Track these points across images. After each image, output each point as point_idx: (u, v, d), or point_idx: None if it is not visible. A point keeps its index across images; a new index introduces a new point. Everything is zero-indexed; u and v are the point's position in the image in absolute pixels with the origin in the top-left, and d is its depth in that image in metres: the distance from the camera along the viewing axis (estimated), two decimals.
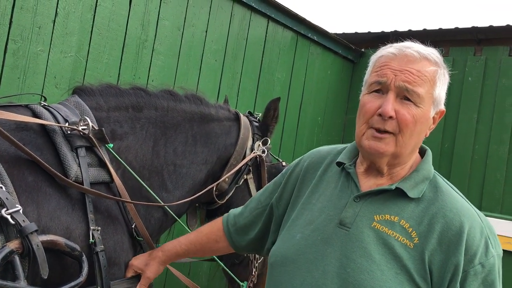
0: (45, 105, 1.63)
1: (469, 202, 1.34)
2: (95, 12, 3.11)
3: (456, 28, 5.01)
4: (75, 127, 1.55)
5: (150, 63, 3.49)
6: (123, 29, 3.28)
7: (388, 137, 1.28)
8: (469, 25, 4.96)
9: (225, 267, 2.18)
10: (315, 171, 1.49)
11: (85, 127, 1.57)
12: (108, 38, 3.20)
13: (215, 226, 1.72)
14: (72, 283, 1.31)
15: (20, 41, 2.77)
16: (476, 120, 4.85)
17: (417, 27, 7.54)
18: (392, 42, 4.79)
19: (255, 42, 4.36)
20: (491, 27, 4.82)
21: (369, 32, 5.62)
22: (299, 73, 4.86)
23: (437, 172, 1.40)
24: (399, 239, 1.24)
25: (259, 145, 2.17)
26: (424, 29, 5.22)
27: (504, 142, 4.69)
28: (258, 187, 2.13)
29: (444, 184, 1.36)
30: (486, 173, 4.76)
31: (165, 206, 1.80)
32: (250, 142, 2.15)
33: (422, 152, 1.44)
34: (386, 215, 1.28)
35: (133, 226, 1.66)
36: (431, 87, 1.29)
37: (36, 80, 2.86)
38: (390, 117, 1.26)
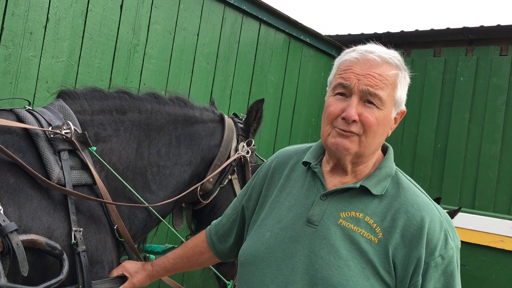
0: (29, 109, 1.68)
1: (429, 197, 1.39)
2: (86, 18, 3.16)
3: (448, 29, 5.05)
4: (58, 131, 1.60)
5: (142, 67, 3.54)
6: (114, 34, 3.33)
7: (353, 136, 1.33)
8: (460, 26, 5.00)
9: (211, 267, 2.23)
10: (282, 171, 1.53)
11: (68, 130, 1.62)
12: (100, 43, 3.25)
13: (200, 238, 1.77)
14: (53, 281, 1.36)
15: (12, 47, 2.82)
16: (468, 120, 4.89)
17: (409, 28, 7.58)
18: (384, 43, 4.80)
19: (247, 45, 4.41)
20: (482, 27, 4.86)
21: (362, 34, 5.66)
22: (292, 75, 4.91)
23: (398, 169, 1.45)
24: (364, 235, 1.29)
25: (244, 146, 2.21)
26: (416, 30, 5.26)
27: (496, 141, 4.73)
28: (243, 187, 2.17)
29: (406, 180, 1.41)
30: (478, 172, 4.79)
31: (149, 207, 1.84)
32: (234, 143, 2.19)
33: (384, 149, 1.48)
34: (352, 212, 1.33)
35: (115, 227, 1.70)
36: (393, 90, 1.34)
37: (28, 85, 2.91)
38: (354, 121, 1.31)
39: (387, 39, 5.40)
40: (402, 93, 1.37)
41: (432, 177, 5.05)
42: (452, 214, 3.98)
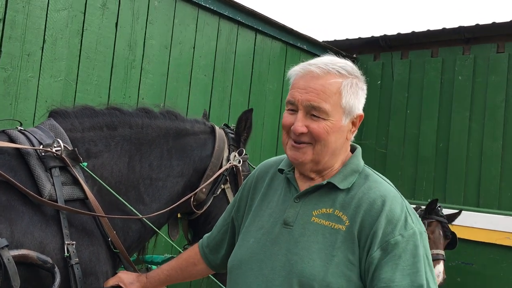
0: (21, 129, 1.74)
1: (396, 189, 1.44)
2: (82, 37, 3.24)
3: (444, 29, 5.08)
4: (49, 149, 1.66)
5: (140, 82, 3.61)
6: (110, 51, 3.41)
7: (305, 147, 1.40)
8: (456, 25, 5.02)
9: (211, 276, 2.28)
10: (263, 181, 1.61)
11: (58, 148, 1.68)
12: (97, 61, 3.33)
13: (193, 250, 1.84)
14: None
15: (11, 69, 2.91)
16: (468, 118, 4.90)
17: (405, 29, 7.61)
18: (382, 46, 4.81)
19: (244, 55, 4.48)
20: (477, 25, 4.88)
21: (359, 38, 5.71)
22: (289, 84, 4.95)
23: (368, 167, 1.51)
24: (334, 227, 1.36)
25: (235, 155, 2.26)
26: (413, 32, 5.29)
27: (497, 138, 4.73)
28: None
29: (373, 174, 1.47)
30: (481, 170, 4.79)
31: (143, 218, 1.90)
32: (226, 153, 2.24)
33: (353, 150, 1.54)
34: (323, 209, 1.40)
35: (109, 239, 1.75)
36: (338, 99, 1.38)
37: (28, 105, 2.99)
38: (302, 133, 1.38)
39: (384, 42, 5.45)
40: (351, 99, 1.40)
41: (435, 177, 5.05)
42: (453, 217, 3.99)
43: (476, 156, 4.83)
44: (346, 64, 1.43)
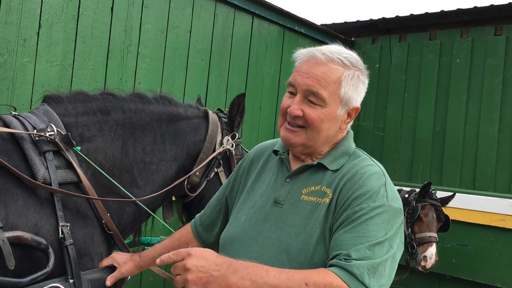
0: (15, 114, 1.78)
1: (382, 169, 1.47)
2: (77, 22, 3.25)
3: (442, 11, 5.06)
4: (42, 134, 1.70)
5: (136, 67, 3.63)
6: (106, 36, 3.42)
7: (299, 131, 1.45)
8: (454, 7, 4.99)
9: None
10: (258, 163, 1.67)
11: (52, 132, 1.71)
12: (92, 45, 3.35)
13: (185, 230, 1.90)
14: (39, 273, 1.47)
15: (7, 54, 2.93)
16: (466, 101, 4.91)
17: (404, 12, 7.56)
18: (380, 29, 4.80)
19: (241, 39, 4.47)
20: (475, 8, 4.85)
21: (357, 21, 5.69)
22: (288, 66, 4.96)
23: (360, 149, 1.56)
24: (320, 202, 1.42)
25: (228, 139, 2.30)
26: (411, 14, 5.27)
27: (494, 121, 4.75)
28: None
29: (362, 154, 1.52)
30: (478, 152, 4.82)
31: (137, 201, 1.94)
32: (219, 137, 2.28)
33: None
34: (311, 187, 1.46)
35: (103, 221, 1.80)
36: (337, 88, 1.42)
37: (24, 90, 3.02)
38: (297, 116, 1.42)
39: (382, 25, 5.43)
40: (349, 91, 1.44)
41: (432, 160, 5.08)
42: (446, 200, 4.03)
43: (472, 139, 4.85)
44: (351, 55, 1.47)
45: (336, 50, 1.45)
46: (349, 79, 1.43)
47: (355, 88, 1.45)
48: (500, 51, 4.73)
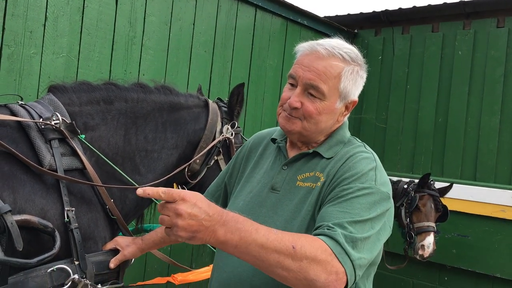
0: (22, 103, 1.85)
1: (374, 155, 1.52)
2: (83, 14, 3.32)
3: (445, 4, 5.07)
4: (48, 122, 1.77)
5: (140, 58, 3.69)
6: (111, 28, 3.49)
7: (296, 120, 1.50)
8: (456, 0, 5.00)
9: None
10: (256, 150, 1.73)
11: (57, 121, 1.78)
12: (98, 37, 3.41)
13: None
14: (46, 254, 1.54)
15: (14, 46, 3.00)
16: (467, 93, 4.93)
17: (407, 4, 7.55)
18: (383, 21, 4.85)
19: (244, 31, 4.52)
20: (478, 0, 4.86)
21: (360, 13, 5.70)
22: (291, 58, 4.97)
23: (355, 137, 1.61)
24: (313, 186, 1.48)
25: (228, 128, 2.37)
26: (414, 6, 5.28)
27: (495, 113, 4.77)
28: None
29: (357, 142, 1.58)
30: (479, 144, 4.85)
31: (138, 188, 2.00)
32: (219, 126, 2.34)
33: None
34: (306, 174, 1.52)
35: (107, 207, 1.87)
36: (337, 82, 1.47)
37: (31, 81, 3.09)
38: (296, 108, 1.47)
39: (385, 17, 5.46)
40: (349, 85, 1.49)
41: (434, 152, 5.12)
42: (444, 190, 4.08)
43: (474, 130, 4.88)
44: (351, 50, 1.51)
45: (337, 44, 1.49)
46: (349, 74, 1.48)
47: (354, 83, 1.50)
48: (502, 43, 4.75)
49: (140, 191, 1.16)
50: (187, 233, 1.16)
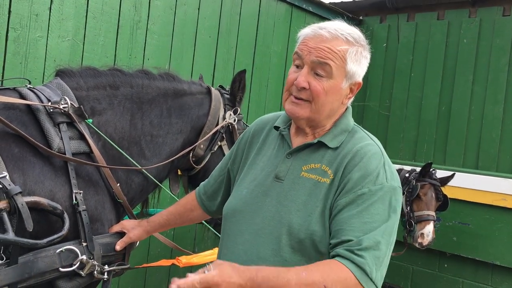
0: (30, 87, 1.87)
1: (380, 147, 1.54)
2: None
3: None
4: (57, 106, 1.79)
5: (145, 43, 3.70)
6: (116, 12, 3.49)
7: (303, 104, 1.51)
8: None
9: (209, 226, 2.46)
10: (259, 136, 1.73)
11: (65, 105, 1.81)
12: (103, 21, 3.42)
13: (190, 197, 1.99)
14: (55, 235, 1.58)
15: (20, 29, 3.01)
16: (471, 82, 4.93)
17: None
18: (388, 8, 4.81)
19: (249, 16, 4.51)
20: None
21: (366, 0, 5.67)
22: (295, 45, 4.98)
23: (359, 126, 1.62)
24: (320, 180, 1.49)
25: (230, 114, 2.39)
26: None
27: (499, 102, 4.78)
28: None
29: (361, 131, 1.59)
30: (482, 133, 4.86)
31: (143, 170, 2.04)
32: (222, 112, 2.37)
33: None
34: (311, 164, 1.53)
35: (113, 190, 1.90)
36: (342, 62, 1.48)
37: (37, 64, 3.11)
38: (304, 88, 1.48)
39: (391, 4, 5.42)
40: (354, 66, 1.50)
41: (436, 140, 5.14)
42: (446, 180, 4.11)
43: (477, 119, 4.89)
44: (354, 31, 1.52)
45: (339, 27, 1.51)
46: (353, 55, 1.49)
47: (358, 64, 1.51)
48: (508, 32, 4.72)
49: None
50: None
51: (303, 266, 1.35)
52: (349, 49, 1.48)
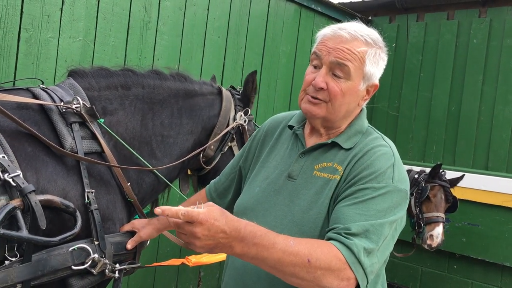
0: (43, 87, 1.89)
1: (392, 148, 1.53)
2: None
3: None
4: (69, 106, 1.81)
5: (155, 43, 3.72)
6: (126, 13, 3.51)
7: (320, 103, 1.51)
8: None
9: None
10: (272, 135, 1.74)
11: (78, 105, 1.83)
12: (113, 22, 3.45)
13: (200, 195, 2.01)
14: (68, 233, 1.59)
15: (32, 30, 3.04)
16: (481, 82, 4.90)
17: None
18: (398, 8, 4.81)
19: (258, 17, 4.52)
20: None
21: (375, 0, 5.66)
22: (304, 45, 5.00)
23: (373, 127, 1.63)
24: (331, 178, 1.49)
25: (241, 115, 2.40)
26: None
27: (509, 102, 4.75)
28: None
29: (374, 133, 1.59)
30: (492, 133, 4.84)
31: (154, 170, 2.06)
32: (232, 113, 2.38)
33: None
34: (324, 163, 1.53)
35: (124, 190, 1.92)
36: (361, 64, 1.48)
37: (48, 65, 3.14)
38: (321, 88, 1.48)
39: (400, 4, 5.41)
40: (372, 68, 1.50)
41: (446, 140, 5.12)
42: (455, 181, 4.09)
43: (487, 119, 4.86)
44: (372, 33, 1.53)
45: (358, 28, 1.51)
46: (372, 56, 1.49)
47: (376, 65, 1.52)
48: None
49: (158, 210, 1.22)
50: (205, 250, 1.25)
51: (293, 237, 1.32)
52: (368, 50, 1.49)
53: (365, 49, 1.48)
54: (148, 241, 2.04)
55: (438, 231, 3.86)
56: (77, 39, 3.26)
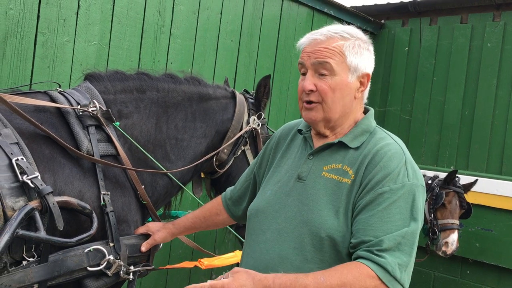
0: (60, 90, 1.93)
1: (402, 146, 1.54)
2: (114, 3, 3.39)
3: None
4: (86, 109, 1.84)
5: (168, 47, 3.75)
6: (141, 17, 3.55)
7: (315, 106, 1.55)
8: None
9: (232, 230, 2.48)
10: (284, 141, 1.77)
11: (94, 108, 1.86)
12: (128, 26, 3.48)
13: (216, 201, 2.03)
14: (85, 234, 1.62)
15: (48, 33, 3.09)
16: (495, 86, 4.86)
17: None
18: (410, 12, 4.79)
19: (271, 20, 4.54)
20: None
21: (388, 3, 5.65)
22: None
23: (380, 127, 1.63)
24: (342, 181, 1.51)
25: (254, 119, 2.41)
26: None
27: None
28: (255, 157, 2.38)
29: (382, 132, 1.60)
30: (506, 138, 4.79)
31: (168, 173, 2.08)
32: (246, 117, 2.39)
33: (366, 112, 1.67)
34: (332, 165, 1.55)
35: (138, 192, 1.94)
36: (342, 57, 1.51)
37: (64, 68, 3.18)
38: (311, 91, 1.53)
39: (413, 7, 5.39)
40: (355, 59, 1.53)
41: (459, 145, 5.08)
42: (469, 186, 4.05)
43: (501, 124, 4.82)
44: (349, 28, 1.56)
45: (332, 28, 1.56)
46: (351, 48, 1.52)
47: (360, 56, 1.54)
48: None
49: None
50: None
51: (321, 271, 1.36)
52: (345, 43, 1.51)
53: (342, 42, 1.51)
54: (161, 244, 2.06)
55: (453, 238, 3.82)
56: (92, 42, 3.30)
